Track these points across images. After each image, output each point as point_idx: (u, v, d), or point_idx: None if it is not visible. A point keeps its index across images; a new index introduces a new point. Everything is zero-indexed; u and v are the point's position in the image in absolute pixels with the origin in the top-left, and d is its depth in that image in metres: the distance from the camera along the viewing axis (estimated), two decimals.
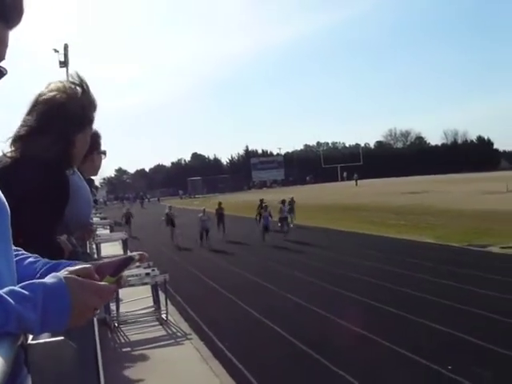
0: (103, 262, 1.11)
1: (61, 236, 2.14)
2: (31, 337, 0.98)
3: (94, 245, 11.30)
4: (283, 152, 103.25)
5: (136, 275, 8.87)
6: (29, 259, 1.15)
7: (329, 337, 7.73)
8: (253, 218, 22.88)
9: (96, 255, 10.85)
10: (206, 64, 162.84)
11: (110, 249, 14.52)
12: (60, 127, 2.03)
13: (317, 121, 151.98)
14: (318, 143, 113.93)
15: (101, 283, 1.00)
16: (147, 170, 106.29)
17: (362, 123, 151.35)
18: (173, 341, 8.27)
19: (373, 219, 23.87)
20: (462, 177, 59.09)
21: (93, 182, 4.55)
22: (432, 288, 10.08)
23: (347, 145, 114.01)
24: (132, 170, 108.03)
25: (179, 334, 8.54)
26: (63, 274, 0.95)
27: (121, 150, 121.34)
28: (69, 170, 2.13)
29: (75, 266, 1.02)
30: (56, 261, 1.16)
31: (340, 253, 15.71)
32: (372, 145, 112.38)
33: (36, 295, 0.89)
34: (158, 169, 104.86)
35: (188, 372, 6.91)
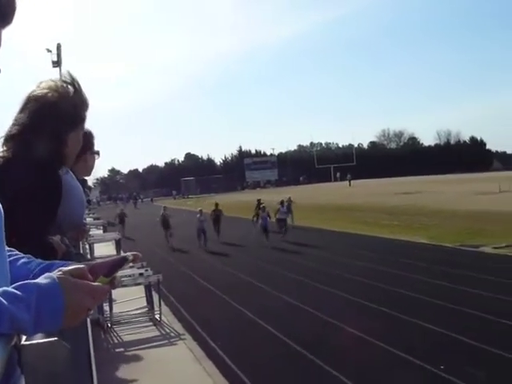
0: (97, 263, 1.10)
1: (54, 236, 2.13)
2: (24, 337, 0.98)
3: (87, 245, 11.28)
4: (277, 152, 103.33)
5: (129, 275, 8.86)
6: (22, 260, 1.14)
7: (322, 337, 7.75)
8: (249, 219, 22.75)
9: (89, 255, 10.83)
10: (199, 63, 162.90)
11: (104, 249, 14.50)
12: (52, 126, 2.02)
13: (310, 121, 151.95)
14: (312, 143, 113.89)
15: (94, 283, 1.00)
16: (140, 171, 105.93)
17: (356, 123, 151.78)
18: (166, 341, 8.26)
19: (366, 219, 23.91)
20: (455, 177, 59.31)
21: (86, 183, 4.54)
22: (425, 288, 10.11)
23: (340, 145, 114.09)
24: (125, 171, 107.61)
25: (172, 335, 8.53)
26: (57, 275, 0.95)
27: (114, 151, 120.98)
28: (61, 170, 2.12)
29: (69, 267, 1.02)
30: (49, 261, 1.16)
31: (334, 253, 15.72)
32: (365, 145, 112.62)
33: (29, 296, 0.89)
34: (152, 169, 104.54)
35: (181, 372, 6.91)
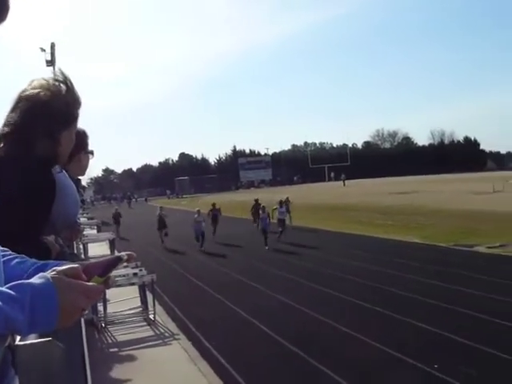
0: (91, 262, 1.10)
1: (48, 236, 2.13)
2: (19, 338, 0.98)
3: (82, 245, 11.26)
4: (271, 152, 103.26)
5: (123, 275, 8.84)
6: (16, 260, 1.14)
7: (316, 336, 7.76)
8: (243, 219, 22.69)
9: (83, 255, 10.81)
10: (193, 63, 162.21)
11: (98, 249, 14.48)
12: (44, 125, 2.01)
13: (304, 121, 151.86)
14: (306, 143, 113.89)
15: (89, 283, 0.99)
16: (134, 170, 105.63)
17: (350, 123, 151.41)
18: (160, 341, 8.26)
19: (360, 219, 23.96)
20: (449, 177, 59.49)
21: (80, 182, 4.52)
22: (419, 288, 10.15)
23: (335, 145, 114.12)
24: (119, 170, 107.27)
25: (167, 335, 8.53)
26: (51, 275, 0.94)
27: (108, 150, 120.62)
28: (54, 169, 2.11)
29: (63, 266, 1.01)
30: (43, 261, 1.16)
31: (328, 253, 15.74)
32: (359, 145, 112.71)
33: (23, 296, 0.89)
34: (146, 169, 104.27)
35: (176, 372, 6.90)
